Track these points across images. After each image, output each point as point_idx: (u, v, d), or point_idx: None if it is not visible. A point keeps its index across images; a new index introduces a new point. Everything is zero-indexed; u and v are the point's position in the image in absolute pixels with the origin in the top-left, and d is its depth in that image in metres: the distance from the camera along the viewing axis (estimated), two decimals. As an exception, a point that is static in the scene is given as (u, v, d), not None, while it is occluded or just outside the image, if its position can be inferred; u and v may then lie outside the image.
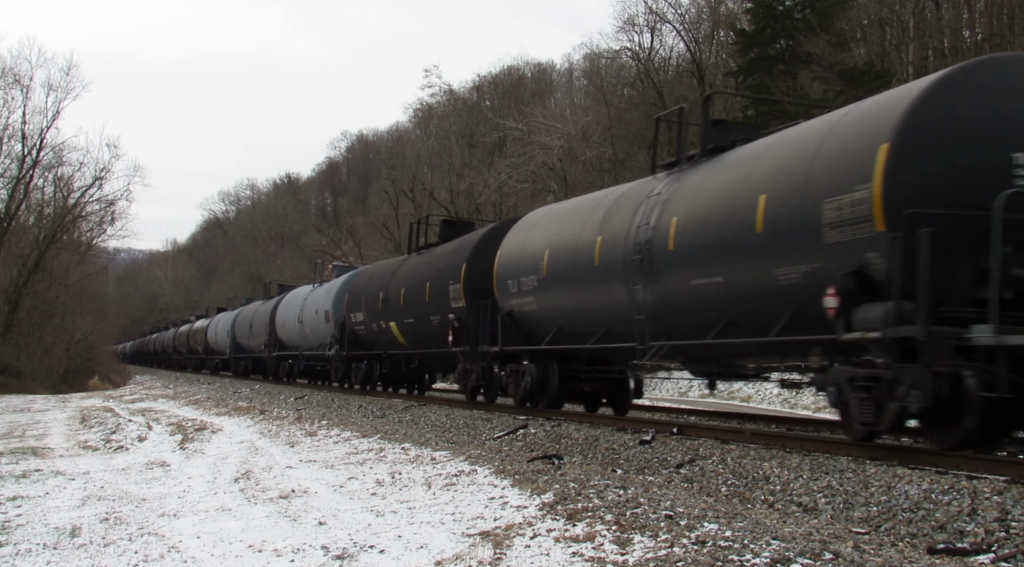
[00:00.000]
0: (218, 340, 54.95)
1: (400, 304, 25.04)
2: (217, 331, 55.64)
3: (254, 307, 48.29)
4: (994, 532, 7.02)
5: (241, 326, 48.71)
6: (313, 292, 35.94)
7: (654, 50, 51.77)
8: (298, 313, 36.39)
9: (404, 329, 25.10)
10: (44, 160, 56.49)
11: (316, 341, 34.05)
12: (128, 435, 19.06)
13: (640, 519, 7.72)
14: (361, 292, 28.99)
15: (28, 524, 9.31)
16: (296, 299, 38.02)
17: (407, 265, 25.91)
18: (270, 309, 41.98)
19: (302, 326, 35.57)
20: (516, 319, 18.62)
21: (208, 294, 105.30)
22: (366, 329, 28.16)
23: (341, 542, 7.86)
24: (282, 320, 39.07)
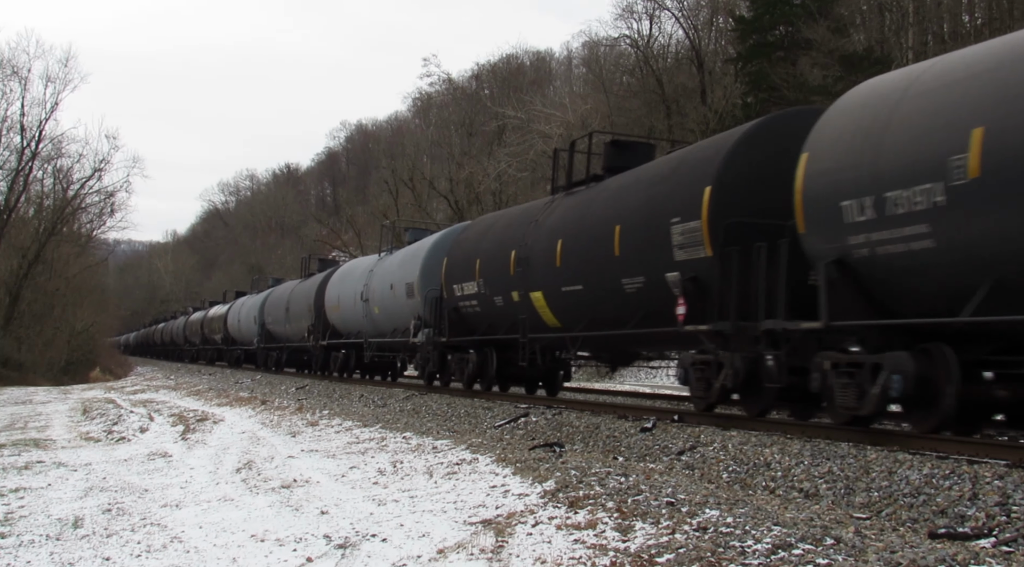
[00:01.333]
0: (241, 328, 48.52)
1: (555, 265, 17.12)
2: (240, 317, 49.04)
3: (289, 287, 41.02)
4: (995, 516, 7.03)
5: (273, 310, 41.38)
6: (383, 262, 28.30)
7: (653, 37, 51.69)
8: (360, 289, 28.86)
9: (560, 300, 17.27)
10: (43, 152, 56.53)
11: (387, 324, 26.46)
12: (130, 426, 19.08)
13: (642, 506, 7.73)
14: (472, 252, 21.21)
15: (31, 515, 9.32)
16: (356, 272, 30.62)
17: (562, 206, 18.02)
18: (314, 287, 34.57)
19: (367, 306, 28.17)
20: None
21: (208, 285, 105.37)
22: (481, 305, 20.51)
23: (343, 531, 7.87)
24: (335, 299, 31.66)
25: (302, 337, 35.99)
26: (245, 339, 47.69)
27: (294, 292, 38.34)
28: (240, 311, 49.19)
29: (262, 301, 43.80)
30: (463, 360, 21.33)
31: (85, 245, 64.67)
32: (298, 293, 37.53)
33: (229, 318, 51.79)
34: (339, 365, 32.46)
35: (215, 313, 57.74)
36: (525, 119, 53.74)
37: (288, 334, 38.87)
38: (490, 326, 20.22)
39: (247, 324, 46.51)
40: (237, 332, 49.71)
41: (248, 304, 47.67)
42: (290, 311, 37.94)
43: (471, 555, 6.79)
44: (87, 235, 64.81)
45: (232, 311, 51.57)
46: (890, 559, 5.71)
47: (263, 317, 42.70)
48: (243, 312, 48.10)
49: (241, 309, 49.06)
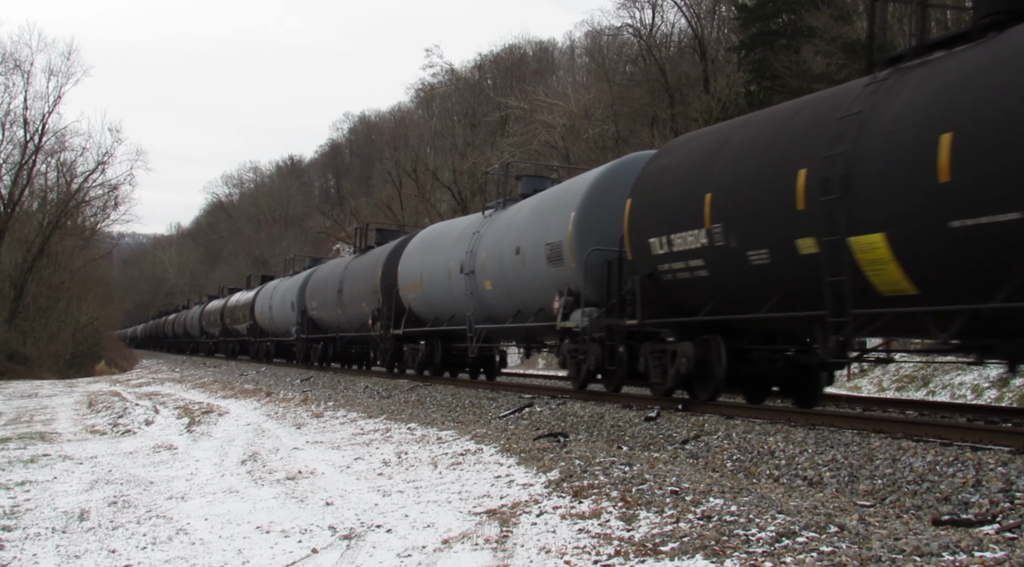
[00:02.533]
0: (274, 316, 41.56)
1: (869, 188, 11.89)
2: (272, 303, 41.84)
3: (341, 263, 34.19)
4: (999, 503, 7.03)
5: (318, 292, 34.34)
6: (495, 218, 21.04)
7: (656, 26, 51.54)
8: (459, 259, 21.45)
9: None
10: (46, 145, 56.43)
11: (507, 304, 19.56)
12: (135, 419, 19.12)
13: (646, 495, 7.74)
14: (676, 190, 13.72)
15: (37, 508, 9.36)
16: (448, 236, 23.33)
17: None
18: (380, 260, 27.41)
19: (471, 280, 20.81)
20: None
21: (213, 277, 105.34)
22: (715, 265, 12.80)
23: (348, 522, 7.89)
24: (414, 274, 24.29)
25: (361, 325, 29.18)
26: (278, 329, 41.37)
27: (350, 269, 31.06)
28: (272, 296, 42.39)
29: (302, 283, 36.82)
30: (663, 353, 14.40)
31: (89, 238, 64.64)
32: (356, 270, 30.24)
33: (258, 305, 45.07)
34: (419, 361, 25.08)
35: (239, 300, 51.32)
36: (528, 109, 53.71)
37: (340, 322, 31.88)
38: (728, 300, 13.07)
39: (281, 311, 39.86)
40: (268, 321, 43.17)
41: (283, 288, 40.71)
42: (344, 293, 30.78)
43: (476, 545, 6.81)
44: (91, 228, 64.78)
45: (262, 297, 44.80)
46: (894, 546, 5.72)
47: (304, 302, 35.92)
48: (276, 297, 41.29)
49: (273, 294, 42.24)
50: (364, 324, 28.66)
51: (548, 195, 19.04)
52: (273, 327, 42.38)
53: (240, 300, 50.89)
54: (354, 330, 30.22)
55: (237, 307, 51.01)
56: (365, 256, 30.63)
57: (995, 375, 20.94)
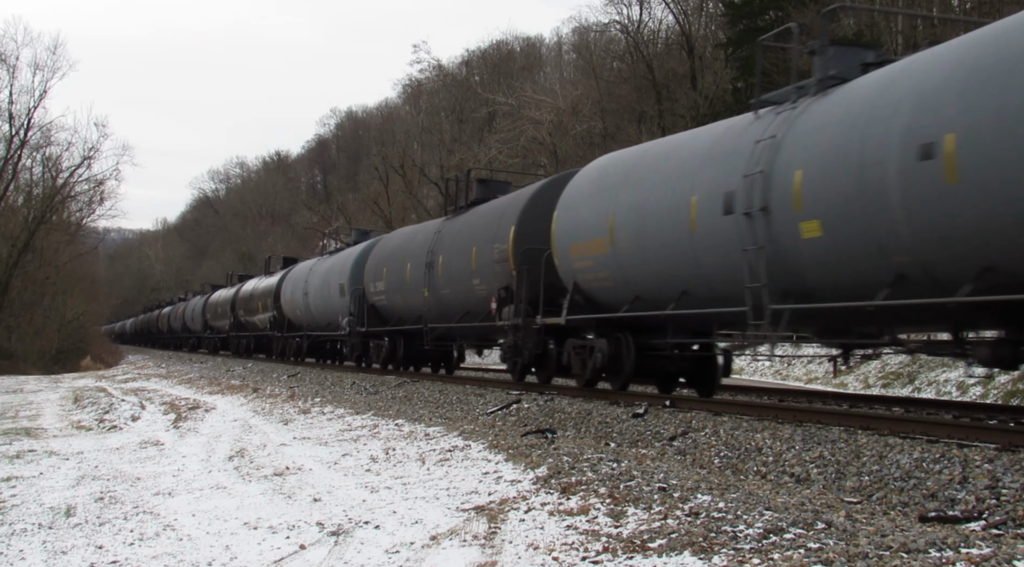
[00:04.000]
0: (311, 305, 33.45)
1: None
2: (308, 289, 33.74)
3: (424, 229, 24.90)
4: (985, 499, 7.06)
5: (387, 269, 25.99)
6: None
7: (643, 23, 51.64)
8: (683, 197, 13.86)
9: None
10: (32, 140, 56.17)
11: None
12: (121, 415, 19.06)
13: (634, 492, 7.75)
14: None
15: (23, 504, 9.32)
16: (646, 162, 15.20)
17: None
18: (513, 211, 18.97)
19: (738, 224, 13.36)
20: None
21: (199, 273, 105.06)
22: None
23: (336, 518, 7.89)
24: (578, 227, 16.08)
25: (467, 311, 20.84)
26: (316, 321, 33.14)
27: (448, 233, 22.31)
28: (306, 280, 34.23)
29: (357, 259, 28.89)
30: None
31: (75, 234, 64.38)
32: (465, 230, 21.49)
33: (286, 291, 37.05)
34: (593, 368, 16.03)
35: (257, 287, 43.53)
36: (515, 105, 53.74)
37: (430, 308, 22.79)
38: None
39: (323, 298, 31.80)
40: (301, 311, 35.05)
41: (324, 268, 32.75)
42: (441, 267, 22.00)
43: (464, 541, 6.81)
44: (77, 224, 64.51)
45: (292, 280, 36.75)
46: (881, 543, 5.74)
47: (361, 284, 27.68)
48: (315, 281, 33.03)
49: (309, 277, 34.08)
50: (472, 309, 20.50)
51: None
52: (308, 319, 34.28)
53: (259, 287, 43.16)
54: (455, 319, 21.59)
55: (255, 295, 43.22)
56: (480, 208, 21.65)
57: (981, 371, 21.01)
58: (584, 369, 16.21)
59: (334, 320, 30.42)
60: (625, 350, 15.26)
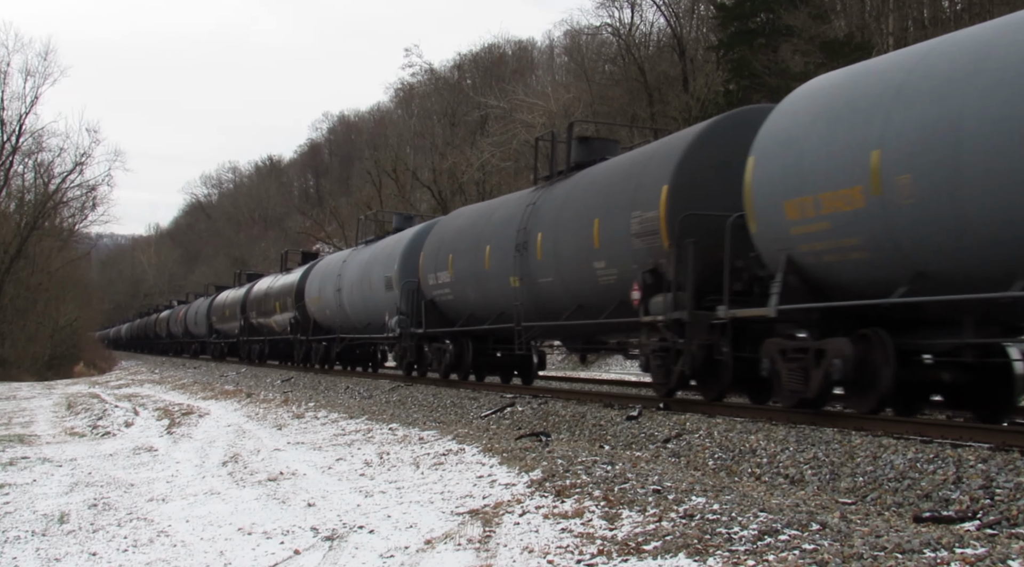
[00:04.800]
0: (345, 302, 27.98)
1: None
2: (341, 284, 28.29)
3: (509, 204, 19.81)
4: (979, 499, 7.07)
5: (453, 256, 20.89)
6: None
7: (635, 26, 51.61)
8: None
9: None
10: (23, 146, 56.03)
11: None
12: (115, 421, 19.02)
13: (628, 494, 7.75)
14: None
15: (16, 511, 9.29)
16: None
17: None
18: (624, 175, 15.35)
19: None
20: None
21: (192, 278, 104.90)
22: None
23: (330, 523, 7.87)
24: (790, 179, 11.30)
25: (580, 305, 16.17)
26: (351, 322, 28.00)
27: (543, 204, 17.64)
28: (339, 274, 28.72)
29: (408, 245, 23.92)
30: None
31: (67, 239, 64.21)
32: (558, 202, 17.15)
33: (309, 288, 32.27)
34: (822, 383, 11.65)
35: (271, 286, 38.72)
36: (508, 109, 53.70)
37: (514, 301, 18.08)
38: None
39: (362, 294, 26.47)
40: (333, 311, 29.45)
41: (362, 259, 27.31)
42: (536, 247, 17.22)
43: (459, 545, 6.80)
44: (69, 229, 64.33)
45: (317, 276, 31.87)
46: (875, 543, 5.74)
47: (415, 276, 22.80)
48: (350, 274, 27.73)
49: (343, 269, 28.56)
50: (599, 303, 15.57)
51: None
52: (341, 319, 29.00)
53: (275, 285, 38.15)
54: (564, 315, 16.59)
55: (270, 294, 38.20)
56: (590, 174, 16.83)
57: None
58: (806, 385, 11.28)
59: (377, 320, 25.23)
60: (881, 356, 10.40)
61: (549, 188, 17.95)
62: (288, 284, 35.81)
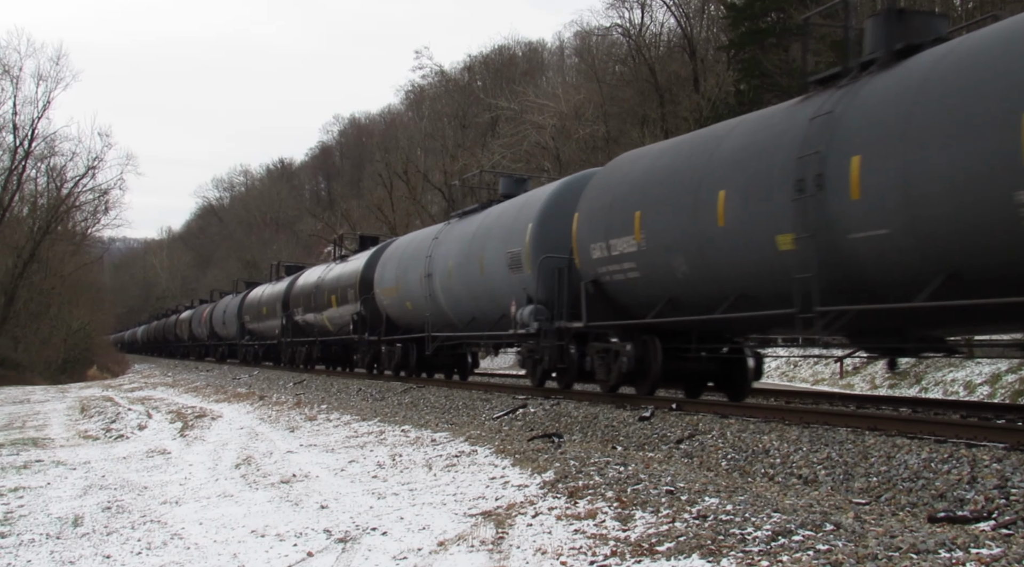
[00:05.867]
0: (439, 291, 21.92)
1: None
2: (434, 268, 22.18)
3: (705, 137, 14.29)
4: (994, 499, 7.04)
5: (613, 220, 15.16)
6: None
7: (645, 26, 51.60)
8: None
9: None
10: (36, 151, 56.19)
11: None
12: (128, 424, 19.08)
13: (641, 495, 7.74)
14: None
15: (31, 515, 9.32)
16: None
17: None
18: None
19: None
20: None
21: (204, 281, 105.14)
22: None
23: (343, 525, 7.88)
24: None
25: None
26: (447, 316, 22.01)
27: None
28: (430, 254, 22.56)
29: (545, 207, 17.96)
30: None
31: (80, 243, 64.46)
32: None
33: (382, 275, 25.97)
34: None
35: (324, 277, 32.65)
36: (518, 110, 53.74)
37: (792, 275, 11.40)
38: None
39: (468, 277, 20.53)
40: (421, 302, 23.03)
41: (465, 232, 21.37)
42: None
43: (472, 547, 6.80)
44: (82, 233, 64.57)
45: (392, 260, 25.60)
46: (890, 544, 5.72)
47: (565, 251, 17.15)
48: (446, 252, 21.80)
49: (434, 249, 22.49)
50: None
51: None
52: (432, 312, 22.55)
53: (328, 276, 32.23)
54: None
55: (323, 287, 32.21)
56: None
57: (988, 371, 21.00)
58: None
59: (489, 312, 19.40)
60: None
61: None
62: (349, 273, 29.73)
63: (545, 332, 17.25)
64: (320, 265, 37.10)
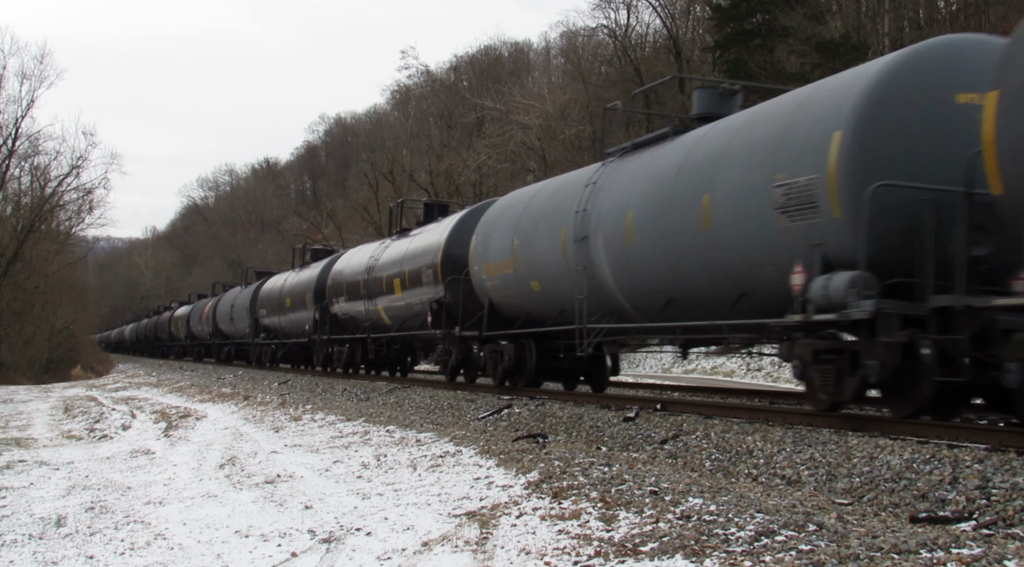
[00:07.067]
0: (602, 264, 14.73)
1: None
2: (589, 229, 15.01)
3: None
4: (975, 500, 7.08)
5: None
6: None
7: (631, 27, 51.69)
8: None
9: None
10: (20, 150, 56.00)
11: None
12: (112, 424, 19.02)
13: (625, 496, 7.76)
14: None
15: (13, 515, 9.29)
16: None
17: None
18: None
19: None
20: None
21: (189, 280, 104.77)
22: None
23: (328, 525, 7.88)
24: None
25: None
26: (628, 299, 14.56)
27: None
28: (586, 206, 15.37)
29: None
30: None
31: (64, 243, 64.18)
32: None
33: (484, 248, 19.28)
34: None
35: (379, 256, 25.93)
36: (504, 110, 53.71)
37: None
38: None
39: (642, 249, 13.84)
40: (557, 279, 16.46)
41: (662, 159, 14.11)
42: None
43: (456, 547, 6.81)
44: (66, 232, 64.30)
45: (503, 222, 18.88)
46: (872, 544, 5.75)
47: None
48: (605, 207, 14.92)
49: (593, 198, 15.34)
50: None
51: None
52: (594, 294, 15.29)
53: (386, 254, 25.58)
54: None
55: (380, 268, 25.49)
56: None
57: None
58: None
59: (726, 287, 12.19)
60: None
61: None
62: (423, 248, 22.96)
63: (881, 318, 9.62)
64: (368, 244, 30.87)
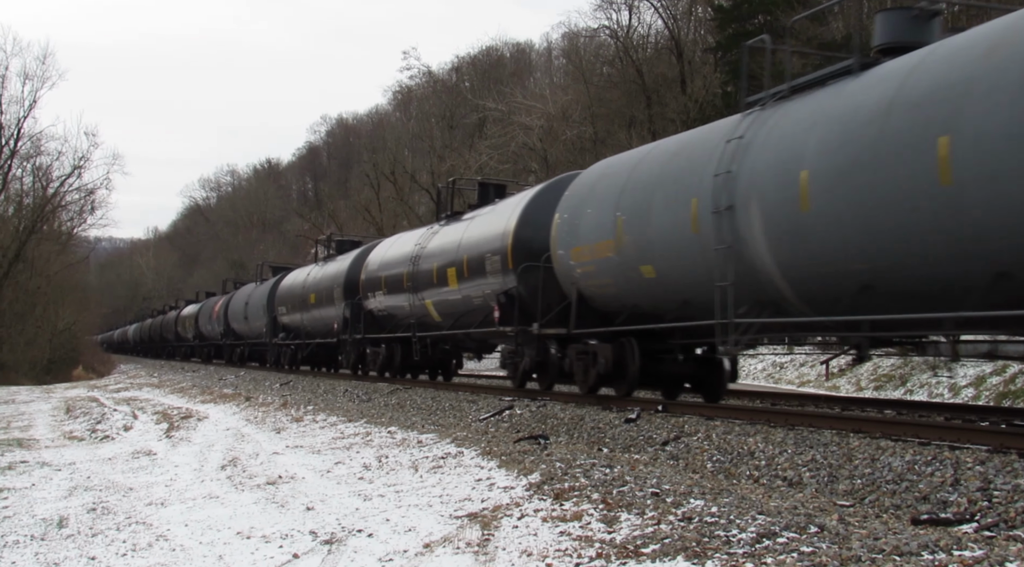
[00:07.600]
0: (766, 235, 11.18)
1: None
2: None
3: None
4: (977, 501, 7.08)
5: None
6: None
7: (632, 28, 51.66)
8: None
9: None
10: (22, 150, 56.03)
11: None
12: (113, 425, 19.03)
13: (627, 497, 7.75)
14: None
15: (15, 516, 9.30)
16: None
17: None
18: None
19: None
20: None
21: (191, 281, 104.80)
22: None
23: (329, 527, 7.88)
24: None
25: None
26: (791, 287, 11.25)
27: None
28: (729, 172, 11.87)
29: None
30: None
31: (66, 243, 64.24)
32: None
33: (584, 225, 15.49)
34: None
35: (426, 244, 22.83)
36: (506, 111, 53.76)
37: None
38: None
39: (820, 218, 10.46)
40: (669, 268, 13.51)
41: (849, 102, 10.60)
42: None
43: (457, 549, 6.80)
44: (67, 233, 64.36)
45: (597, 193, 15.52)
46: (874, 546, 5.75)
47: None
48: (757, 168, 11.59)
49: (742, 157, 11.91)
50: None
51: None
52: (743, 278, 11.74)
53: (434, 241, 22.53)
54: None
55: (426, 258, 22.36)
56: None
57: (972, 373, 21.08)
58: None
59: (978, 263, 9.00)
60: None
61: None
62: (485, 234, 19.57)
63: None
64: (409, 231, 27.85)
